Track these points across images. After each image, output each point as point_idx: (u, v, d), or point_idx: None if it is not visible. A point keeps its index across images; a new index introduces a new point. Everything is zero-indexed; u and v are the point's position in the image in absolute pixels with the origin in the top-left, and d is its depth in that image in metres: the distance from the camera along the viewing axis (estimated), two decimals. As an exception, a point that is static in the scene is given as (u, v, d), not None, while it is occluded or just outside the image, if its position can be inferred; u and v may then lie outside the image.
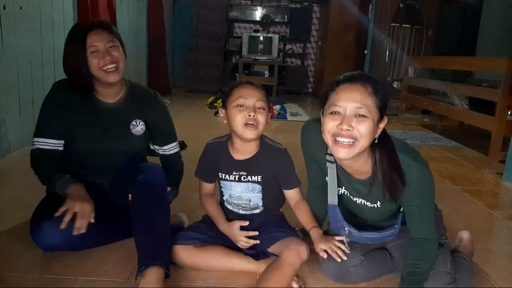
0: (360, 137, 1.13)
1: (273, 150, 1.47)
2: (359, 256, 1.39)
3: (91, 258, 1.48)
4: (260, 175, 1.45)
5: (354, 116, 1.13)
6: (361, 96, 1.12)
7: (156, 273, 1.23)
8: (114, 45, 1.50)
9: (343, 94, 1.14)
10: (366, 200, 1.33)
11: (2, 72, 2.69)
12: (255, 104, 1.37)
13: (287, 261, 1.32)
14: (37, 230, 1.43)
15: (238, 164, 1.46)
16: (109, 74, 1.48)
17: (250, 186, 1.46)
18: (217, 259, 1.43)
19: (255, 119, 1.36)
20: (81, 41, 1.45)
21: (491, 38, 5.57)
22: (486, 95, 3.41)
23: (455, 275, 1.28)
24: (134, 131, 1.60)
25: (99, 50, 1.46)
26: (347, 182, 1.34)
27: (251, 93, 1.39)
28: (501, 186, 2.75)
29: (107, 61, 1.46)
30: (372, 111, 1.12)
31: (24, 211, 1.59)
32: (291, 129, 4.47)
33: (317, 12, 8.01)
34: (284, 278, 1.30)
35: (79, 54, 1.45)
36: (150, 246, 1.30)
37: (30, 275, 1.37)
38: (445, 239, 1.43)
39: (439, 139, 4.30)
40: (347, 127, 1.12)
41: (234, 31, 8.12)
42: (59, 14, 3.32)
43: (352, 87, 1.13)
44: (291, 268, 1.32)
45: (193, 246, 1.43)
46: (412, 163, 1.20)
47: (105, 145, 1.56)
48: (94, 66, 1.46)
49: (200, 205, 1.55)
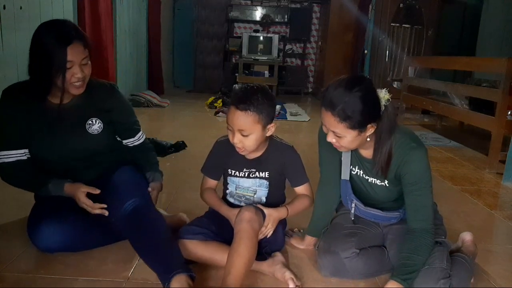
0: (346, 146, 1.33)
1: (281, 148, 1.52)
2: (353, 249, 1.41)
3: (91, 258, 1.48)
4: (268, 171, 1.50)
5: (334, 135, 1.31)
6: (332, 122, 1.28)
7: (179, 280, 1.23)
8: (87, 61, 1.45)
9: (323, 116, 1.31)
10: (376, 178, 1.44)
11: (2, 72, 2.69)
12: (237, 131, 1.38)
13: (236, 231, 1.35)
14: (35, 233, 1.43)
15: (249, 162, 1.50)
16: (76, 88, 1.44)
17: (258, 182, 1.52)
18: (220, 255, 1.43)
19: (241, 143, 1.39)
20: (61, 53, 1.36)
21: (491, 38, 5.57)
22: (486, 95, 3.41)
23: (450, 272, 1.28)
24: (90, 131, 1.55)
25: (73, 66, 1.40)
26: (359, 161, 1.47)
27: (233, 120, 1.38)
28: (501, 186, 2.75)
29: (78, 78, 1.42)
30: (345, 132, 1.28)
31: (24, 211, 1.59)
32: (291, 129, 4.47)
33: (317, 12, 8.01)
34: (243, 252, 1.30)
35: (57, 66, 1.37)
36: (162, 260, 1.30)
37: (30, 275, 1.37)
38: (444, 238, 1.43)
39: (439, 139, 4.30)
40: (331, 141, 1.34)
41: (234, 31, 8.12)
42: (59, 14, 3.32)
43: (326, 114, 1.28)
44: (243, 236, 1.32)
45: (198, 240, 1.44)
46: (412, 144, 1.34)
47: (63, 149, 1.52)
48: (65, 80, 1.40)
49: (200, 205, 1.55)
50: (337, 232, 1.49)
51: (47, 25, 1.41)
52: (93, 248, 1.52)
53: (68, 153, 1.53)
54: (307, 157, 3.46)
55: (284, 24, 8.03)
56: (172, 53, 7.98)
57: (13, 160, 1.47)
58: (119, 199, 1.42)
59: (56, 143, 1.50)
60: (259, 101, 1.35)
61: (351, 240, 1.43)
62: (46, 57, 1.36)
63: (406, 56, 5.93)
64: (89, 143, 1.55)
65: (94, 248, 1.53)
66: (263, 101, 1.36)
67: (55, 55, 1.36)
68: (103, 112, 1.58)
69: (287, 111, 5.55)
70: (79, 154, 1.55)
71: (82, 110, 1.54)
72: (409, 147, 1.33)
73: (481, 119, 3.40)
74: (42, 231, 1.42)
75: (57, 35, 1.37)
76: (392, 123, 1.32)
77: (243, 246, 1.30)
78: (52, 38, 1.37)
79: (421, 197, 1.35)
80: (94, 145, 1.57)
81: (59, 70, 1.37)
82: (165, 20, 7.22)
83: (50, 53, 1.36)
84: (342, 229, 1.49)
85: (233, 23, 8.09)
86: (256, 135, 1.39)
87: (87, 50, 1.43)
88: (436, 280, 1.25)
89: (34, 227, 1.44)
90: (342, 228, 1.50)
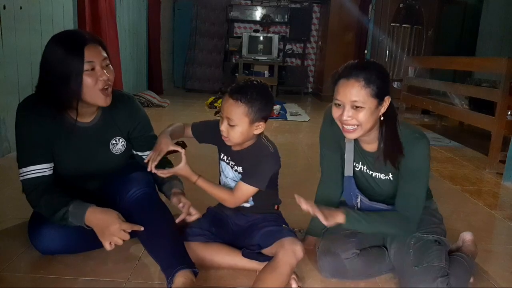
0: (361, 123, 1.31)
1: (259, 148, 1.46)
2: (353, 249, 1.41)
3: (91, 258, 1.48)
4: (242, 167, 1.47)
5: (351, 108, 1.29)
6: (355, 90, 1.28)
7: (184, 276, 1.23)
8: (108, 63, 1.35)
9: (340, 89, 1.31)
10: (380, 172, 1.44)
11: (2, 72, 2.69)
12: (225, 118, 1.38)
13: (283, 261, 1.33)
14: (35, 236, 1.43)
15: (232, 153, 1.49)
16: (104, 97, 1.34)
17: (236, 176, 1.49)
18: (221, 257, 1.45)
19: (226, 131, 1.38)
20: (78, 54, 1.26)
21: (491, 38, 5.57)
22: (486, 95, 3.41)
23: (448, 271, 1.28)
24: (114, 151, 1.51)
25: (95, 68, 1.30)
26: (362, 156, 1.47)
27: (223, 106, 1.38)
28: (501, 186, 2.75)
29: (103, 82, 1.31)
30: (367, 101, 1.28)
31: (24, 211, 1.59)
32: (291, 129, 4.47)
33: (317, 12, 8.01)
34: (281, 278, 1.31)
35: (74, 69, 1.27)
36: (166, 255, 1.31)
37: (30, 275, 1.37)
38: (443, 238, 1.43)
39: (439, 139, 4.30)
40: (346, 117, 1.30)
41: (234, 31, 8.12)
42: (59, 14, 3.32)
43: (347, 83, 1.29)
44: (287, 267, 1.32)
45: (199, 242, 1.45)
46: (416, 135, 1.36)
47: (86, 168, 1.49)
48: (88, 84, 1.29)
49: (199, 205, 1.55)
50: (337, 232, 1.48)
51: (59, 34, 1.34)
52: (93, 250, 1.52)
53: (87, 170, 1.50)
54: (307, 157, 3.47)
55: (284, 24, 8.03)
56: (172, 52, 7.98)
57: (41, 175, 1.38)
58: (125, 187, 1.43)
59: (80, 162, 1.47)
60: (253, 95, 1.35)
61: (352, 241, 1.43)
62: (63, 63, 1.26)
63: (406, 56, 5.93)
64: (113, 163, 1.53)
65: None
66: (257, 96, 1.35)
67: (73, 59, 1.26)
68: (126, 130, 1.53)
69: (287, 111, 5.55)
70: (98, 172, 1.53)
71: (105, 130, 1.48)
72: (414, 137, 1.35)
73: (481, 119, 3.40)
74: (43, 234, 1.41)
75: (71, 39, 1.29)
76: (395, 113, 1.37)
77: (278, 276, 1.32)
78: (66, 42, 1.28)
79: (415, 187, 1.36)
80: (116, 164, 1.54)
81: (78, 74, 1.27)
82: (165, 20, 7.22)
83: (67, 57, 1.26)
84: (342, 230, 1.49)
85: (233, 23, 8.09)
86: (242, 128, 1.36)
87: (107, 54, 1.35)
88: (434, 279, 1.25)
89: (35, 230, 1.44)
90: (342, 229, 1.50)
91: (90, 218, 1.32)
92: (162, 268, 1.30)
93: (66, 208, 1.33)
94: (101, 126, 1.47)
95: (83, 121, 1.44)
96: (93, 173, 1.52)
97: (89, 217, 1.32)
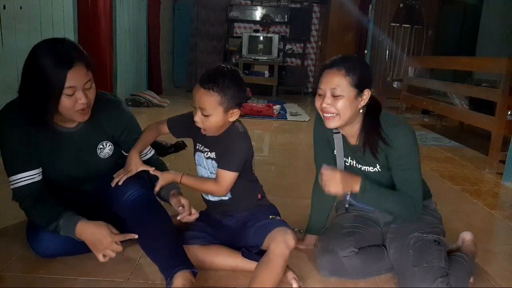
0: (339, 112, 1.36)
1: (232, 133, 1.44)
2: (351, 248, 1.41)
3: (91, 258, 1.47)
4: (215, 152, 1.45)
5: (331, 96, 1.35)
6: (336, 78, 1.34)
7: (183, 277, 1.23)
8: (91, 84, 1.33)
9: (323, 78, 1.37)
10: (368, 166, 1.46)
11: (2, 72, 2.69)
12: (198, 108, 1.34)
13: (275, 254, 1.32)
14: (34, 239, 1.43)
15: (206, 140, 1.46)
16: (81, 115, 1.34)
17: (210, 163, 1.46)
18: (221, 258, 1.44)
19: (201, 122, 1.36)
20: (60, 78, 1.24)
21: (491, 38, 5.57)
22: (486, 95, 3.41)
23: (448, 271, 1.28)
24: (102, 155, 1.51)
25: (75, 92, 1.28)
26: (349, 150, 1.50)
27: (195, 97, 1.34)
28: (501, 186, 2.75)
29: (82, 105, 1.30)
30: (346, 89, 1.33)
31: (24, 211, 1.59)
32: (291, 129, 4.47)
33: (317, 12, 8.01)
34: (276, 271, 1.31)
35: (53, 91, 1.25)
36: (165, 256, 1.30)
37: (30, 275, 1.37)
38: (442, 237, 1.43)
39: (439, 139, 4.30)
40: (326, 105, 1.36)
41: (234, 31, 8.12)
42: (59, 14, 3.32)
43: (329, 72, 1.35)
44: (280, 259, 1.32)
45: (199, 245, 1.45)
46: (395, 122, 1.40)
47: (75, 173, 1.49)
48: (66, 106, 1.28)
49: (198, 205, 1.55)
50: (336, 231, 1.49)
51: (44, 44, 1.29)
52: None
53: (77, 175, 1.50)
54: (307, 157, 3.47)
55: (284, 24, 8.03)
56: (172, 53, 7.98)
57: (31, 182, 1.38)
58: (120, 189, 1.42)
59: (68, 167, 1.47)
60: (225, 83, 1.31)
61: (350, 239, 1.43)
62: (43, 80, 1.23)
63: (406, 56, 5.93)
64: (101, 167, 1.52)
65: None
66: (229, 84, 1.32)
67: (54, 80, 1.24)
68: (113, 134, 1.52)
69: (287, 111, 5.55)
70: (88, 176, 1.53)
71: (92, 135, 1.47)
72: (393, 124, 1.39)
73: (481, 119, 3.39)
74: (41, 238, 1.41)
75: (56, 56, 1.25)
76: (379, 108, 1.41)
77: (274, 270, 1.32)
78: (51, 59, 1.24)
79: (409, 171, 1.38)
80: (105, 168, 1.53)
81: (57, 96, 1.26)
82: (165, 20, 7.22)
83: (48, 77, 1.23)
84: (340, 229, 1.49)
85: (233, 23, 8.09)
86: (216, 117, 1.34)
87: (90, 72, 1.32)
88: (433, 279, 1.25)
89: (33, 233, 1.43)
90: (341, 227, 1.50)
91: (80, 232, 1.33)
92: (161, 269, 1.30)
93: (57, 223, 1.34)
94: (87, 131, 1.46)
95: (68, 126, 1.43)
96: (84, 176, 1.52)
97: (80, 231, 1.33)
